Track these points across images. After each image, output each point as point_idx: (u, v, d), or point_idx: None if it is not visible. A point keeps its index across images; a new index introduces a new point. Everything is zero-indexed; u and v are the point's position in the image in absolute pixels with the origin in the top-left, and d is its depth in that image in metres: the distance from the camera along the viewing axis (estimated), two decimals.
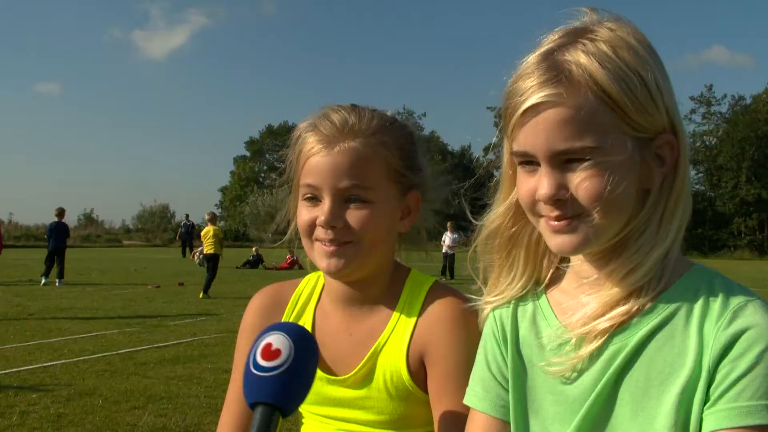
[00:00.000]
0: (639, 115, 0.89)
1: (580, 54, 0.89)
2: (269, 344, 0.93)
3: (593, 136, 0.87)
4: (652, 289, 0.92)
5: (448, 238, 19.37)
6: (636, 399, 0.89)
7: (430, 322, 1.16)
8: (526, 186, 0.94)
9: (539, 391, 1.00)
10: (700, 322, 0.88)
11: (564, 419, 0.95)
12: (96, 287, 15.65)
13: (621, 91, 0.87)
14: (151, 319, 10.46)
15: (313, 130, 1.17)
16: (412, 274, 1.24)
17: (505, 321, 1.06)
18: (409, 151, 1.20)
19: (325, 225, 1.13)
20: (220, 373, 6.63)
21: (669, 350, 0.88)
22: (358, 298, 1.22)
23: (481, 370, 1.07)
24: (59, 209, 16.37)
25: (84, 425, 4.83)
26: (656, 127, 0.91)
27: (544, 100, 0.88)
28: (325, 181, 1.13)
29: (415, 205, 1.22)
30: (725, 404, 0.83)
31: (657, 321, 0.90)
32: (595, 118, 0.87)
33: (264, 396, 0.89)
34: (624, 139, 0.89)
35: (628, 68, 0.88)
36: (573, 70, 0.88)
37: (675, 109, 0.93)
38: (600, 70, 0.87)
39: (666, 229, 0.92)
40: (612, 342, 0.92)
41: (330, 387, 1.21)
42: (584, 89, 0.87)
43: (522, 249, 1.06)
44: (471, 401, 1.06)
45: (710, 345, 0.85)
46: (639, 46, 0.91)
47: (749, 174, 53.76)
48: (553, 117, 0.88)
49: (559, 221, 0.92)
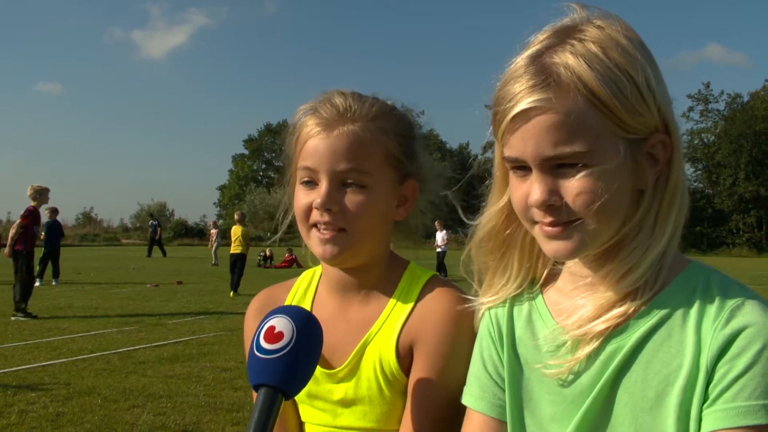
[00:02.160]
0: (630, 117, 0.87)
1: (568, 56, 0.87)
2: (272, 327, 0.94)
3: (583, 141, 0.86)
4: (649, 289, 0.91)
5: (438, 235, 19.39)
6: (635, 400, 0.88)
7: (424, 312, 1.16)
8: (519, 192, 0.93)
9: (536, 391, 0.99)
10: (698, 321, 0.87)
11: (561, 420, 0.95)
12: (95, 286, 15.65)
13: (611, 93, 0.85)
14: (149, 318, 10.45)
15: (313, 113, 1.17)
16: (411, 266, 1.24)
17: (501, 320, 1.06)
18: (408, 139, 1.20)
19: (321, 207, 1.12)
20: (218, 371, 6.63)
21: (667, 350, 0.88)
22: (354, 284, 1.22)
23: (477, 369, 1.06)
24: (52, 208, 16.29)
25: (83, 424, 4.83)
26: (648, 127, 0.90)
27: (533, 105, 0.87)
28: (322, 163, 1.13)
29: (412, 193, 1.22)
30: (723, 404, 0.82)
31: (654, 321, 0.89)
32: (585, 123, 0.86)
33: (266, 378, 0.91)
34: (616, 142, 0.87)
35: (617, 69, 0.86)
36: (561, 73, 0.86)
37: (668, 107, 0.92)
38: (589, 72, 0.86)
39: (661, 229, 0.91)
40: (609, 343, 0.91)
41: (322, 386, 1.20)
42: (573, 93, 0.86)
43: (516, 250, 1.05)
44: (467, 401, 1.06)
45: (708, 344, 0.84)
46: (629, 44, 0.89)
47: (747, 171, 53.81)
48: (543, 123, 0.87)
49: (553, 227, 0.90)
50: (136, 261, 26.67)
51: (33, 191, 10.77)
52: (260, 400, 0.89)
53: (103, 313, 11.05)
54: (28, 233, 10.60)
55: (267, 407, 0.89)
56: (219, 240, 27.03)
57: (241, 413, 5.17)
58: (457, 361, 1.11)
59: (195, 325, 9.79)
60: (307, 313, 0.99)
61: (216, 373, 6.55)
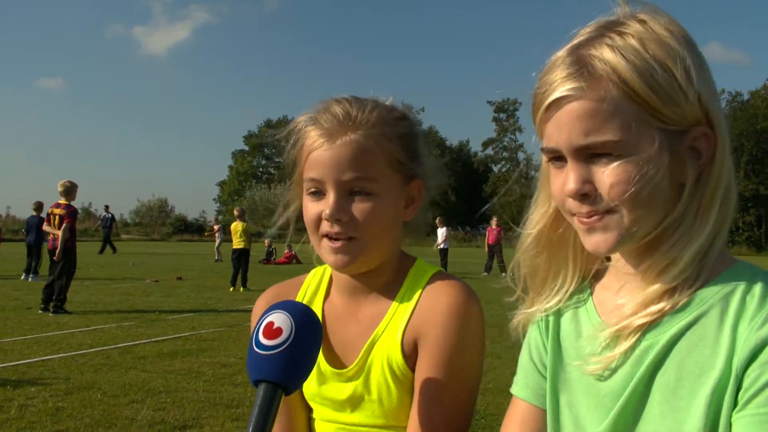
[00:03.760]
0: (666, 107, 0.86)
1: (604, 48, 0.88)
2: (271, 323, 0.95)
3: (616, 131, 0.85)
4: (688, 286, 0.89)
5: (439, 232, 19.40)
6: (666, 398, 0.87)
7: (428, 307, 1.16)
8: (557, 183, 0.93)
9: (574, 385, 0.99)
10: (735, 321, 0.84)
11: (596, 415, 0.94)
12: (94, 281, 15.64)
13: (644, 83, 0.85)
14: (149, 314, 10.45)
15: (314, 123, 1.17)
16: (417, 263, 1.25)
17: (549, 312, 1.06)
18: (410, 140, 1.21)
19: (331, 218, 1.13)
20: (218, 367, 6.64)
21: (701, 350, 0.85)
22: (365, 287, 1.22)
23: (524, 358, 1.07)
24: (37, 203, 16.16)
25: (82, 419, 4.83)
26: (688, 119, 0.88)
27: (566, 94, 0.87)
28: (328, 174, 1.13)
29: (419, 193, 1.22)
30: (754, 409, 0.79)
31: (689, 319, 0.88)
32: (618, 112, 0.85)
33: (266, 374, 0.91)
34: (651, 133, 0.87)
35: (654, 60, 0.86)
36: (596, 65, 0.87)
37: (712, 100, 0.90)
38: (623, 63, 0.85)
39: (703, 224, 0.89)
40: (644, 338, 0.90)
41: (331, 385, 1.21)
42: (606, 82, 0.86)
43: (569, 250, 1.04)
44: (514, 389, 1.07)
45: (741, 346, 0.82)
46: (669, 36, 0.88)
47: (747, 170, 53.77)
48: (575, 111, 0.87)
49: (589, 217, 0.90)
50: (136, 257, 26.67)
51: (65, 188, 10.56)
52: (260, 396, 0.90)
53: (102, 308, 11.05)
54: (73, 232, 10.59)
55: (267, 403, 0.89)
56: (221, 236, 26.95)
57: (240, 409, 5.18)
58: (462, 354, 1.12)
59: (195, 321, 9.79)
60: (305, 309, 0.99)
61: (215, 369, 6.55)
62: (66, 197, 10.62)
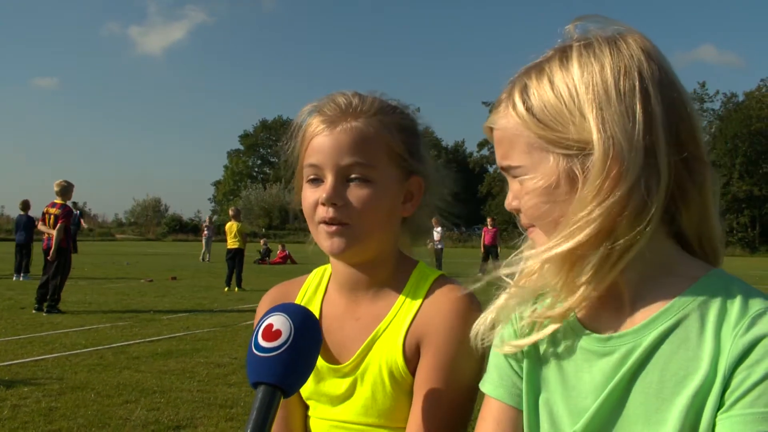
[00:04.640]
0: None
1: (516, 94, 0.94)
2: (270, 325, 0.95)
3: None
4: (667, 291, 0.91)
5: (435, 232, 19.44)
6: (649, 400, 0.88)
7: (432, 310, 1.16)
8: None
9: (552, 384, 0.99)
10: (717, 326, 0.86)
11: (573, 414, 0.95)
12: (88, 281, 15.60)
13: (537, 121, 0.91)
14: (143, 314, 10.43)
15: (317, 112, 1.19)
16: (420, 266, 1.25)
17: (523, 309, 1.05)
18: (410, 135, 1.21)
19: (327, 202, 1.13)
20: (212, 367, 6.63)
21: (684, 353, 0.87)
22: (363, 282, 1.22)
23: (497, 356, 1.06)
24: (24, 202, 16.05)
25: (76, 419, 4.81)
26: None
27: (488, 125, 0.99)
28: (327, 159, 1.14)
29: (418, 190, 1.22)
30: (740, 410, 0.81)
31: (670, 323, 0.89)
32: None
33: (265, 376, 0.91)
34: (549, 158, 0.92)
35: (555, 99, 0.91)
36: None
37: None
38: (523, 112, 0.91)
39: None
40: (624, 340, 0.91)
41: (327, 381, 1.21)
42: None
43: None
44: (486, 388, 1.06)
45: (727, 350, 0.84)
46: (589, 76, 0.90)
47: (741, 171, 54.04)
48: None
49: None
50: (131, 256, 26.61)
51: (61, 188, 10.51)
52: (258, 398, 0.90)
53: (97, 308, 11.02)
54: (68, 231, 10.57)
55: (265, 405, 0.89)
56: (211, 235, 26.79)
57: (235, 409, 5.17)
58: (464, 358, 1.12)
59: (189, 321, 9.77)
60: (304, 311, 0.99)
61: (210, 369, 6.54)
62: (62, 197, 10.57)
